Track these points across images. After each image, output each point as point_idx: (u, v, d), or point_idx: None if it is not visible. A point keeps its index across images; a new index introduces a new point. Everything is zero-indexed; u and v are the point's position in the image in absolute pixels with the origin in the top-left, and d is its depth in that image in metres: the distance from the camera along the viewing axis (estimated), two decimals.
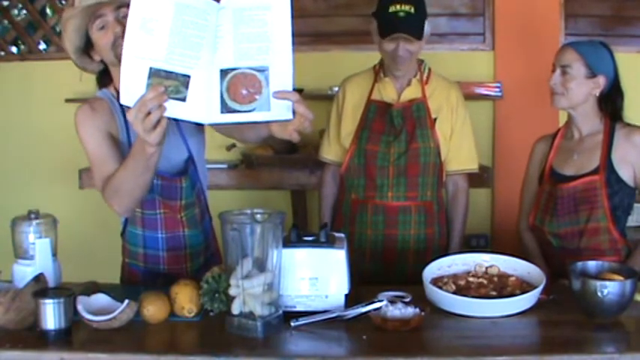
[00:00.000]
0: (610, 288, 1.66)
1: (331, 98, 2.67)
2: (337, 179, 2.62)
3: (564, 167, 2.30)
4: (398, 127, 2.43)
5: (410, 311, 1.70)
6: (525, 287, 1.87)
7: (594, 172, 2.21)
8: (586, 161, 2.24)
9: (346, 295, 1.77)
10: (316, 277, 1.75)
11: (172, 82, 1.59)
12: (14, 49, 4.03)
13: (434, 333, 1.68)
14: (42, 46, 4.00)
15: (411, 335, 1.64)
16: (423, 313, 1.69)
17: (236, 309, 1.65)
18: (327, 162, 2.64)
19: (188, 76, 1.60)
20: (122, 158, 1.85)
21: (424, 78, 2.50)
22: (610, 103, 2.24)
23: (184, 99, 1.60)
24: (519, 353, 1.55)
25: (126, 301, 1.65)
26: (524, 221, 2.44)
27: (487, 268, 1.99)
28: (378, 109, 2.48)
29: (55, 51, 3.85)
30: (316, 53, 3.70)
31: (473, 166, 2.58)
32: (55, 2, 3.90)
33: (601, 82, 2.21)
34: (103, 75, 2.03)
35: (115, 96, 1.97)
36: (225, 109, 1.62)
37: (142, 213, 2.03)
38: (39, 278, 1.73)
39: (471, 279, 1.93)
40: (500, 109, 3.68)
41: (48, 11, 4.09)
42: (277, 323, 1.66)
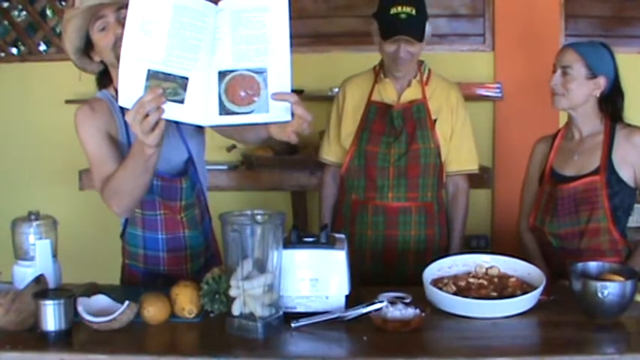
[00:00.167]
0: (610, 289, 1.66)
1: (331, 99, 2.67)
2: (337, 180, 2.62)
3: (565, 168, 2.30)
4: (398, 128, 2.43)
5: (410, 312, 1.70)
6: (526, 288, 1.87)
7: (595, 173, 2.21)
8: (586, 162, 2.24)
9: (346, 296, 1.77)
10: (316, 278, 1.75)
11: (170, 84, 1.58)
12: (14, 51, 4.03)
13: (434, 334, 1.67)
14: (42, 48, 3.99)
15: (412, 336, 1.64)
16: (424, 314, 1.69)
17: (236, 310, 1.65)
18: (328, 163, 2.64)
19: (186, 78, 1.60)
20: (121, 159, 1.85)
21: (424, 79, 2.50)
22: (610, 104, 2.24)
23: (182, 101, 1.60)
24: (520, 354, 1.55)
25: (126, 303, 1.65)
26: (524, 222, 2.44)
27: (487, 269, 1.99)
28: (379, 110, 2.48)
29: (55, 52, 3.85)
30: (316, 54, 3.69)
31: (473, 167, 2.58)
32: (55, 3, 3.90)
33: (601, 83, 2.21)
34: (103, 76, 2.03)
35: (115, 97, 1.96)
36: (223, 111, 1.62)
37: (142, 214, 2.02)
38: (39, 279, 1.72)
39: (472, 280, 1.93)
40: (500, 110, 3.68)
41: (48, 12, 4.08)
42: (278, 324, 1.66)
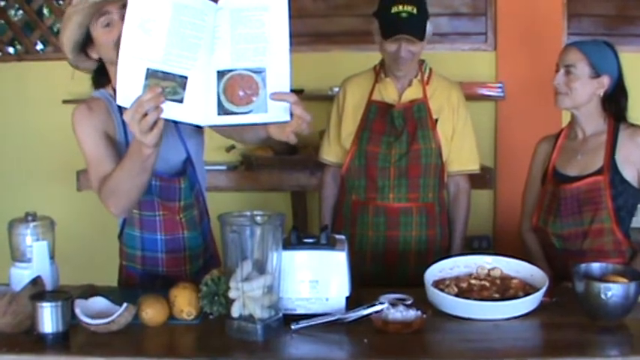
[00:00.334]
0: (614, 290, 1.65)
1: (331, 99, 2.66)
2: (338, 180, 2.61)
3: (567, 168, 2.29)
4: (399, 128, 2.42)
5: (411, 314, 1.69)
6: (528, 290, 1.86)
7: (598, 173, 2.19)
8: (590, 162, 2.23)
9: (347, 298, 1.76)
10: (317, 280, 1.74)
11: (170, 84, 1.57)
12: (11, 50, 4.01)
13: (436, 336, 1.67)
14: (39, 47, 3.98)
15: (413, 338, 1.63)
16: (425, 316, 1.68)
17: (236, 312, 1.64)
18: (328, 163, 2.63)
19: (185, 77, 1.58)
20: (119, 158, 1.83)
21: (425, 78, 2.48)
22: (614, 103, 2.23)
23: (181, 100, 1.59)
24: (522, 356, 1.55)
25: (124, 304, 1.63)
26: (526, 222, 2.43)
27: (489, 271, 1.98)
28: (379, 110, 2.47)
29: (52, 51, 3.84)
30: (316, 53, 3.68)
31: (474, 167, 2.57)
32: (52, 2, 3.88)
33: (605, 82, 2.20)
34: (98, 75, 2.01)
35: (113, 96, 1.95)
36: (222, 111, 1.61)
37: (140, 214, 2.01)
38: (36, 281, 1.71)
39: (473, 281, 1.92)
40: (502, 110, 3.67)
41: (45, 11, 4.07)
42: (277, 326, 1.65)
